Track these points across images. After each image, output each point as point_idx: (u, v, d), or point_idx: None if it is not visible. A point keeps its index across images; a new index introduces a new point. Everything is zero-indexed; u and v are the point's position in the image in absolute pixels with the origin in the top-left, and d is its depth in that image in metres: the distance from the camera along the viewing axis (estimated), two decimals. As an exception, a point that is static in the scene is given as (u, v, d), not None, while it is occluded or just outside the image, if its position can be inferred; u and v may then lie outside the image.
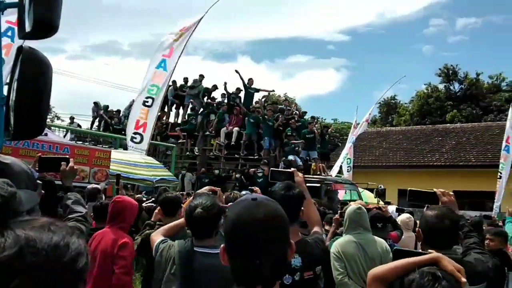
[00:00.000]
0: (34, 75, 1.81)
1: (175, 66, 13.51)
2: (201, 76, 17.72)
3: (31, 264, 0.84)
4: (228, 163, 16.09)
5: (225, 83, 17.17)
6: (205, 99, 17.76)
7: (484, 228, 7.35)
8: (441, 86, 39.17)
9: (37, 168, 3.02)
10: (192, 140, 16.70)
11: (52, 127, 15.00)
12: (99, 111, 18.77)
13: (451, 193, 2.85)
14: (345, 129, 35.77)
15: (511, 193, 19.10)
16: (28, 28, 1.86)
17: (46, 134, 8.62)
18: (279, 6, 76.53)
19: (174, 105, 18.38)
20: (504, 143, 16.76)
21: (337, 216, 5.33)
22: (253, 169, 14.32)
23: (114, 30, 79.14)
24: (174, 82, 17.82)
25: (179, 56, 13.52)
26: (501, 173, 16.24)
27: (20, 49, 1.88)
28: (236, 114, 16.07)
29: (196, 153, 16.27)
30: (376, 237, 4.34)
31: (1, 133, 2.08)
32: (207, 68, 67.83)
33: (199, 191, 4.05)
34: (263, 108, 16.22)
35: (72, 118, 18.95)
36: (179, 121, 18.42)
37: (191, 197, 3.64)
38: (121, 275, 3.68)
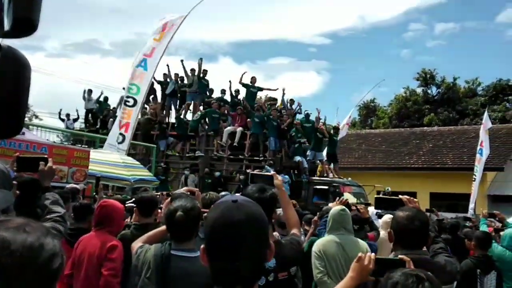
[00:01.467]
0: (12, 74, 1.79)
1: (157, 66, 13.43)
2: (193, 70, 17.11)
3: (6, 265, 0.83)
4: (231, 164, 15.58)
5: (230, 82, 16.66)
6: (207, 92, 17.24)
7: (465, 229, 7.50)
8: (419, 90, 39.71)
9: (15, 168, 2.98)
10: (191, 141, 16.29)
11: (30, 126, 14.78)
12: (90, 100, 18.28)
13: (416, 199, 2.92)
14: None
15: (484, 195, 19.53)
16: (7, 26, 1.83)
17: (23, 133, 8.49)
18: (261, 8, 76.70)
19: (172, 104, 17.78)
20: (478, 147, 17.11)
21: (316, 218, 5.40)
22: (257, 170, 13.75)
23: (94, 29, 78.35)
24: (176, 74, 17.40)
25: (161, 57, 13.44)
26: (475, 176, 16.57)
27: (-2, 48, 1.85)
28: (240, 113, 15.54)
29: (198, 154, 15.79)
30: (358, 239, 4.42)
31: (-22, 133, 2.04)
32: (188, 68, 67.37)
33: (176, 191, 4.03)
34: (265, 106, 15.75)
35: (67, 115, 18.53)
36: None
37: (169, 198, 3.62)
38: (109, 277, 3.62)
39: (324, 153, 16.18)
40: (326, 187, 13.67)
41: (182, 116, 16.54)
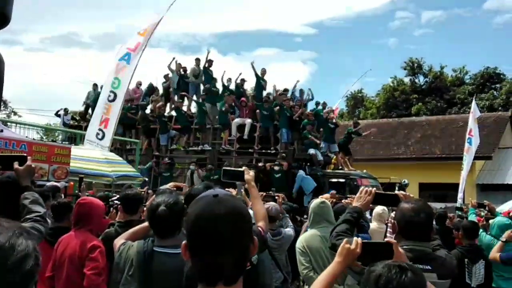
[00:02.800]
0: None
1: (138, 60, 13.32)
2: (197, 60, 16.75)
3: None
4: (241, 157, 14.98)
5: (224, 72, 16.26)
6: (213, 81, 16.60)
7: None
8: (406, 79, 39.92)
9: None
10: (196, 134, 15.88)
11: (9, 123, 14.58)
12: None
13: (411, 195, 2.97)
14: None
15: (473, 184, 19.76)
16: (-22, 20, 1.80)
17: (1, 131, 8.37)
18: (245, -2, 76.38)
19: (176, 97, 17.05)
20: (467, 135, 17.26)
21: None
22: (269, 164, 13.64)
23: (74, 22, 77.33)
24: (179, 64, 16.97)
25: (143, 50, 13.34)
26: (463, 165, 16.75)
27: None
28: (245, 105, 15.12)
29: (205, 148, 15.33)
30: None
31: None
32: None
33: (161, 187, 4.01)
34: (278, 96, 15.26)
35: (66, 110, 17.83)
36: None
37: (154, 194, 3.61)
38: (93, 276, 3.61)
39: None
40: (342, 180, 13.45)
41: (185, 109, 16.15)
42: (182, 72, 16.87)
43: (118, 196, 8.02)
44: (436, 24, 63.90)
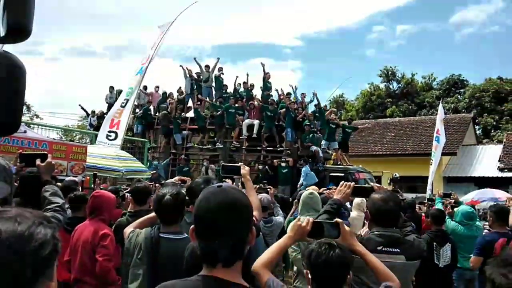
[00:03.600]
0: (8, 77, 1.74)
1: (146, 69, 13.50)
2: (207, 67, 16.59)
3: None
4: (249, 154, 14.95)
5: (237, 77, 16.26)
6: (223, 87, 16.56)
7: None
8: (382, 85, 40.12)
9: (18, 164, 2.92)
10: (210, 134, 15.70)
11: (32, 125, 14.47)
12: (112, 97, 17.23)
13: (384, 187, 2.98)
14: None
15: (440, 177, 19.87)
16: (2, 33, 1.78)
17: (25, 132, 8.32)
18: (240, 14, 76.28)
19: (191, 100, 17.05)
20: (435, 134, 17.35)
21: (296, 200, 5.48)
22: (276, 160, 13.51)
23: (88, 34, 76.75)
24: (189, 71, 16.85)
25: (150, 61, 13.55)
26: (432, 160, 16.82)
27: (-5, 53, 1.80)
28: (253, 108, 14.88)
29: (218, 146, 15.18)
30: None
31: (-22, 131, 1.99)
32: (176, 69, 66.84)
33: (168, 181, 4.00)
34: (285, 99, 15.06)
35: (93, 112, 17.31)
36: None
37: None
38: (104, 262, 3.59)
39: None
40: (342, 174, 13.11)
41: (200, 110, 15.99)
42: (196, 77, 16.79)
43: (129, 189, 8.06)
44: (408, 37, 64.27)
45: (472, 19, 61.79)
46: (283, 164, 13.10)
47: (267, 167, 13.43)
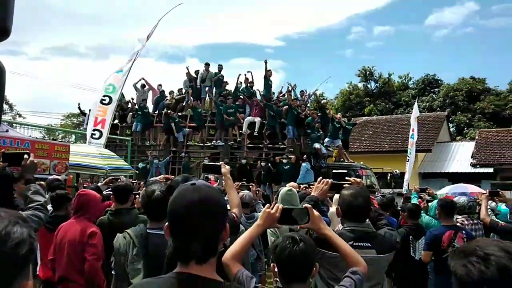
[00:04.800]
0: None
1: (130, 69, 13.33)
2: (207, 65, 16.45)
3: None
4: (251, 152, 14.68)
5: (239, 75, 16.03)
6: (222, 85, 16.30)
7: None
8: (360, 85, 40.40)
9: (1, 163, 2.87)
10: (210, 132, 15.39)
11: (14, 124, 14.18)
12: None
13: (360, 180, 3.01)
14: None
15: (416, 172, 20.18)
16: (-20, 32, 1.73)
17: (7, 131, 8.16)
18: (222, 14, 76.03)
19: (192, 98, 16.47)
20: (410, 132, 17.63)
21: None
22: (278, 157, 13.32)
23: (71, 34, 75.50)
24: (188, 73, 16.76)
25: (133, 61, 13.39)
26: (409, 157, 17.08)
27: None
28: (256, 104, 14.68)
29: (218, 143, 14.88)
30: None
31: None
32: (159, 68, 66.34)
33: (152, 179, 3.97)
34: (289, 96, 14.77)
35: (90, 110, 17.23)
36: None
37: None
38: (93, 261, 3.54)
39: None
40: (345, 171, 13.03)
41: (199, 109, 15.66)
42: (194, 75, 16.66)
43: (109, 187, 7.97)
44: (385, 38, 65.06)
45: (447, 21, 62.99)
46: (284, 161, 12.98)
47: (269, 164, 13.28)
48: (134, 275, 2.54)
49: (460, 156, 22.89)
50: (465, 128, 32.71)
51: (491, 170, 21.12)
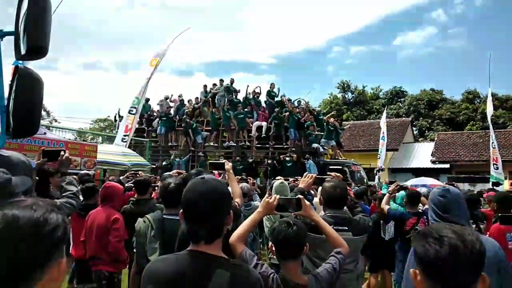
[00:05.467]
0: (28, 88, 1.70)
1: (148, 82, 13.50)
2: (221, 81, 16.41)
3: (15, 237, 0.82)
4: (259, 151, 14.48)
5: (248, 86, 15.87)
6: (233, 94, 16.04)
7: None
8: (339, 95, 40.42)
9: (40, 159, 2.85)
10: (224, 134, 15.23)
11: (51, 128, 14.11)
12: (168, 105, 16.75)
13: (339, 175, 3.01)
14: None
15: (386, 168, 20.22)
16: (23, 51, 1.73)
17: (45, 133, 8.14)
18: (224, 35, 75.96)
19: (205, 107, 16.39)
20: (381, 134, 17.70)
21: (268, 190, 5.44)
22: (283, 156, 13.18)
23: (97, 53, 74.98)
24: (204, 86, 16.75)
25: (151, 75, 13.73)
26: (379, 155, 17.14)
27: (16, 68, 1.76)
28: (262, 111, 14.65)
29: (230, 144, 14.65)
30: None
31: (4, 133, 1.94)
32: (171, 81, 65.97)
33: (166, 173, 3.95)
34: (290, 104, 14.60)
35: (121, 117, 16.59)
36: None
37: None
38: (116, 243, 3.55)
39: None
40: (340, 167, 12.38)
41: (215, 115, 15.40)
42: (212, 86, 16.66)
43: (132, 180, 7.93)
44: (360, 55, 65.10)
45: (411, 42, 63.11)
46: (288, 159, 12.88)
47: (275, 161, 13.18)
48: (152, 253, 2.53)
49: (422, 154, 22.97)
50: (426, 131, 32.85)
51: (447, 166, 21.22)
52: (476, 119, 31.19)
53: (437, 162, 21.59)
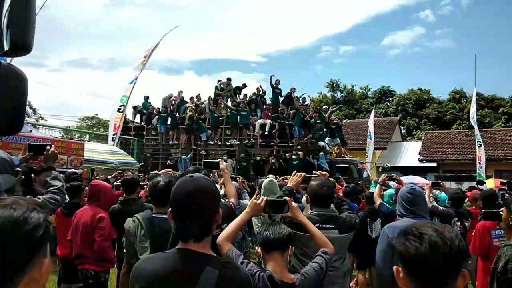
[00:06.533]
0: (12, 85, 1.67)
1: (136, 80, 13.36)
2: (229, 79, 16.15)
3: None
4: (263, 149, 14.07)
5: (260, 86, 15.79)
6: (237, 96, 15.87)
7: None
8: (328, 94, 40.65)
9: (25, 155, 2.80)
10: (226, 132, 14.92)
11: (37, 125, 13.89)
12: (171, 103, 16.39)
13: (326, 173, 3.04)
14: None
15: (374, 166, 20.41)
16: (6, 47, 1.70)
17: (31, 131, 8.00)
18: (213, 33, 75.59)
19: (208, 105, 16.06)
20: (368, 133, 17.86)
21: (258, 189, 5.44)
22: (288, 153, 12.98)
23: (85, 49, 73.77)
24: (216, 87, 16.40)
25: (139, 73, 13.51)
26: (367, 153, 17.30)
27: (-1, 64, 1.72)
28: (267, 109, 14.39)
29: (233, 142, 14.34)
30: None
31: (-14, 131, 1.90)
32: (161, 79, 65.42)
33: (152, 172, 3.92)
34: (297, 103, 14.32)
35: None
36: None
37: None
38: (101, 241, 3.52)
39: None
40: (346, 165, 12.80)
41: (215, 113, 15.15)
42: (221, 86, 16.33)
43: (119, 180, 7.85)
44: (349, 55, 65.55)
45: (399, 42, 63.80)
46: (294, 157, 12.71)
47: (281, 160, 12.98)
48: (142, 252, 2.51)
49: (410, 153, 23.26)
50: (414, 130, 33.24)
51: (435, 164, 21.52)
52: (462, 119, 31.65)
53: (424, 161, 21.88)
